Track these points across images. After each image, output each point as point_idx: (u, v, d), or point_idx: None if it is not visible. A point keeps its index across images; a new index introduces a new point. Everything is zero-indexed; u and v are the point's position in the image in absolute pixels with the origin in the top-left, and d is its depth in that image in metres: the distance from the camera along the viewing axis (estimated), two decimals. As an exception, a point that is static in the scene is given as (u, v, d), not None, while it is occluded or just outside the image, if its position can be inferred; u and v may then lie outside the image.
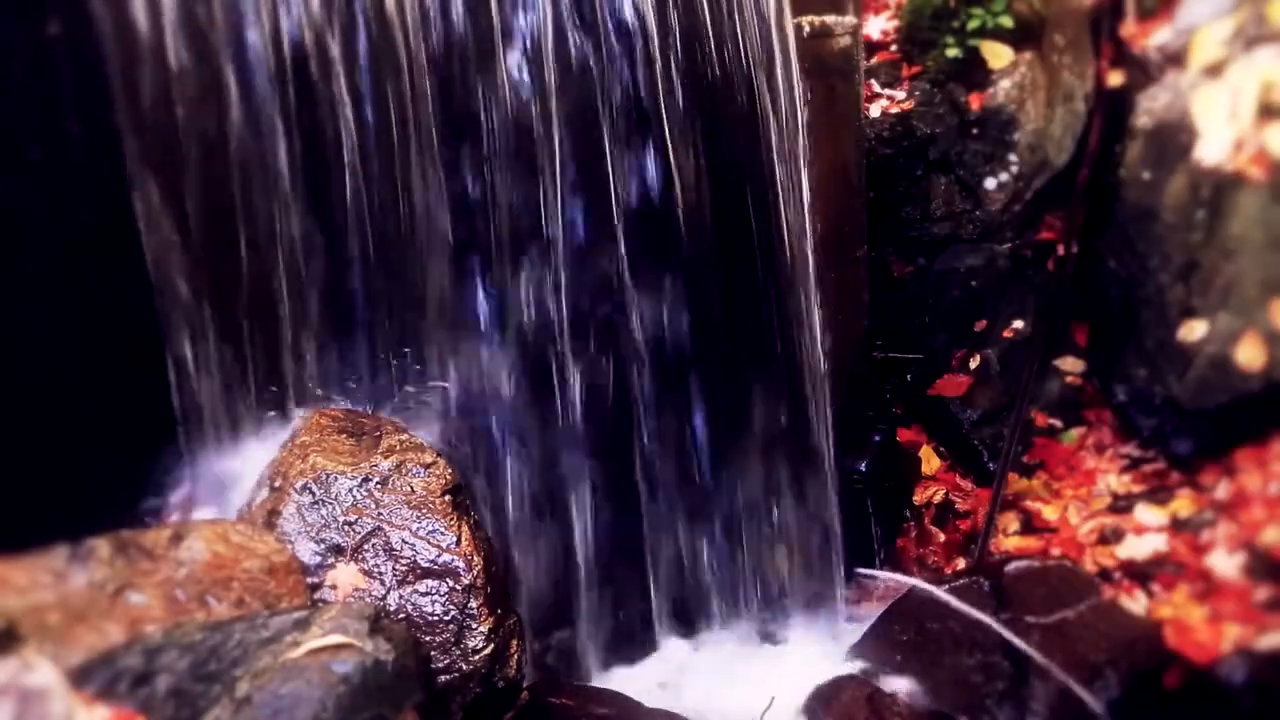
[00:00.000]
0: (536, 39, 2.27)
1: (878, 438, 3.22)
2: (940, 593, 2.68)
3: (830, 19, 2.87)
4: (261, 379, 2.16)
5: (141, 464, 2.05)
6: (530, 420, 2.44)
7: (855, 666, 2.56)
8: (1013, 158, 3.28)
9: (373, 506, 1.95)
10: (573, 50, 2.31)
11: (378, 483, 1.98)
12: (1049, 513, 3.06)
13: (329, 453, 2.02)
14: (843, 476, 2.98)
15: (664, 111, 2.42)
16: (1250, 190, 2.88)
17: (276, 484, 1.99)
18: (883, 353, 3.37)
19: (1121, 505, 3.01)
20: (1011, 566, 2.76)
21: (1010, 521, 3.08)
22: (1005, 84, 3.27)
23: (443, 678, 1.82)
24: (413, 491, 1.97)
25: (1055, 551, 2.93)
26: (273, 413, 2.17)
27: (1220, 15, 3.01)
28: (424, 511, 1.95)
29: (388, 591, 1.88)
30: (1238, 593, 2.68)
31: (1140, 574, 2.82)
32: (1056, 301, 3.30)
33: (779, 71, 2.60)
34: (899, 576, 2.97)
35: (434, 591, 1.88)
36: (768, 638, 2.83)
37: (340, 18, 2.10)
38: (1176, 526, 2.89)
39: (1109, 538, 2.93)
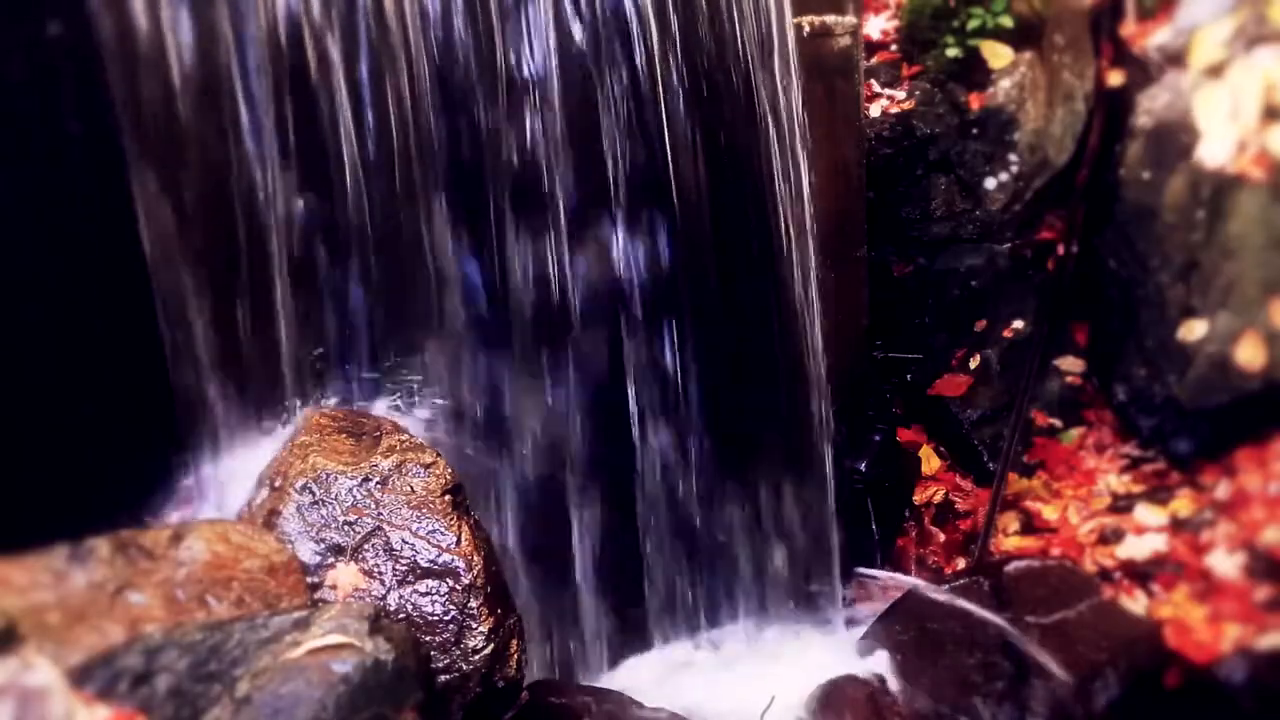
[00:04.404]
0: (537, 39, 2.27)
1: (878, 438, 3.22)
2: (940, 593, 2.68)
3: (830, 19, 2.87)
4: (261, 379, 2.16)
5: (141, 464, 2.04)
6: (529, 420, 2.44)
7: (855, 666, 2.55)
8: (1013, 157, 3.28)
9: (373, 506, 1.95)
10: (573, 50, 2.31)
11: (378, 483, 1.98)
12: (1049, 513, 3.06)
13: (329, 453, 2.02)
14: (843, 476, 2.97)
15: (664, 111, 2.42)
16: (1250, 190, 2.88)
17: (276, 484, 1.99)
18: (883, 352, 3.37)
19: (1121, 505, 3.01)
20: (1011, 566, 2.76)
21: (1010, 521, 3.08)
22: (1005, 84, 3.27)
23: (443, 677, 1.82)
24: (413, 491, 1.97)
25: (1055, 551, 2.93)
26: (273, 413, 2.17)
27: (1220, 15, 3.01)
28: (424, 511, 1.95)
29: (388, 591, 1.88)
30: (1238, 593, 2.68)
31: (1140, 574, 2.82)
32: (1056, 301, 3.30)
33: (779, 71, 2.59)
34: (899, 576, 2.98)
35: (434, 591, 1.88)
36: (767, 637, 2.83)
37: (340, 17, 2.10)
38: (1176, 526, 2.89)
39: (1109, 538, 2.93)
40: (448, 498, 1.98)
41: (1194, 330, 2.95)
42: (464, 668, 1.84)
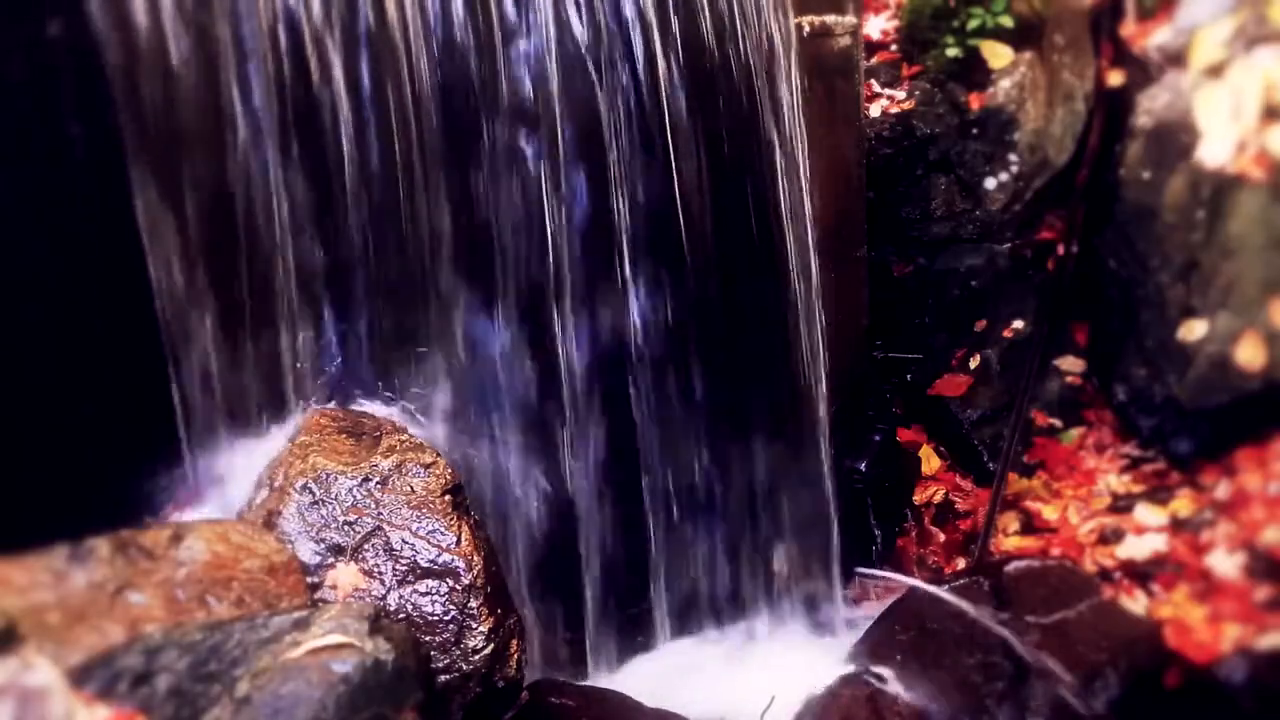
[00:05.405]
0: (537, 40, 2.27)
1: (878, 438, 3.22)
2: (940, 593, 2.68)
3: (830, 19, 2.87)
4: (261, 379, 2.16)
5: (141, 464, 2.04)
6: (531, 421, 2.44)
7: (855, 666, 2.55)
8: (1013, 157, 3.28)
9: (373, 506, 1.95)
10: (573, 51, 2.31)
11: (378, 483, 1.98)
12: (1049, 513, 3.07)
13: (329, 452, 2.02)
14: (843, 476, 2.97)
15: (665, 111, 2.42)
16: (1250, 190, 2.88)
17: (276, 484, 1.99)
18: (883, 352, 3.37)
19: (1121, 505, 3.01)
20: (1011, 566, 2.76)
21: (1010, 521, 3.08)
22: (1005, 84, 3.27)
23: (443, 677, 1.82)
24: (413, 491, 1.97)
25: (1055, 551, 2.93)
26: (273, 413, 2.17)
27: (1220, 15, 3.01)
28: (424, 511, 1.95)
29: (388, 591, 1.88)
30: (1238, 593, 2.68)
31: (1140, 574, 2.82)
32: (1056, 301, 3.30)
33: (779, 71, 2.59)
34: (899, 576, 2.97)
35: (434, 591, 1.88)
36: (768, 637, 2.82)
37: (340, 18, 2.10)
38: (1176, 526, 2.89)
39: (1109, 538, 2.93)
40: (448, 498, 1.98)
41: (1194, 330, 2.95)
42: (464, 668, 1.84)
